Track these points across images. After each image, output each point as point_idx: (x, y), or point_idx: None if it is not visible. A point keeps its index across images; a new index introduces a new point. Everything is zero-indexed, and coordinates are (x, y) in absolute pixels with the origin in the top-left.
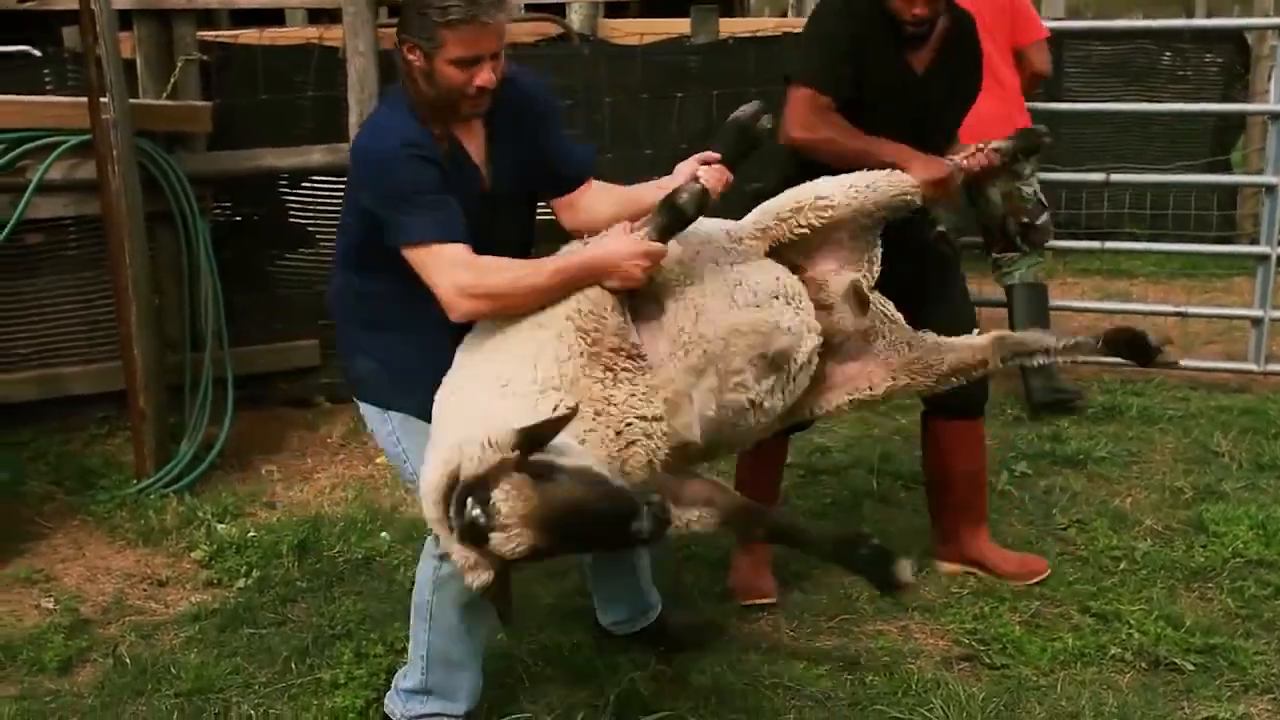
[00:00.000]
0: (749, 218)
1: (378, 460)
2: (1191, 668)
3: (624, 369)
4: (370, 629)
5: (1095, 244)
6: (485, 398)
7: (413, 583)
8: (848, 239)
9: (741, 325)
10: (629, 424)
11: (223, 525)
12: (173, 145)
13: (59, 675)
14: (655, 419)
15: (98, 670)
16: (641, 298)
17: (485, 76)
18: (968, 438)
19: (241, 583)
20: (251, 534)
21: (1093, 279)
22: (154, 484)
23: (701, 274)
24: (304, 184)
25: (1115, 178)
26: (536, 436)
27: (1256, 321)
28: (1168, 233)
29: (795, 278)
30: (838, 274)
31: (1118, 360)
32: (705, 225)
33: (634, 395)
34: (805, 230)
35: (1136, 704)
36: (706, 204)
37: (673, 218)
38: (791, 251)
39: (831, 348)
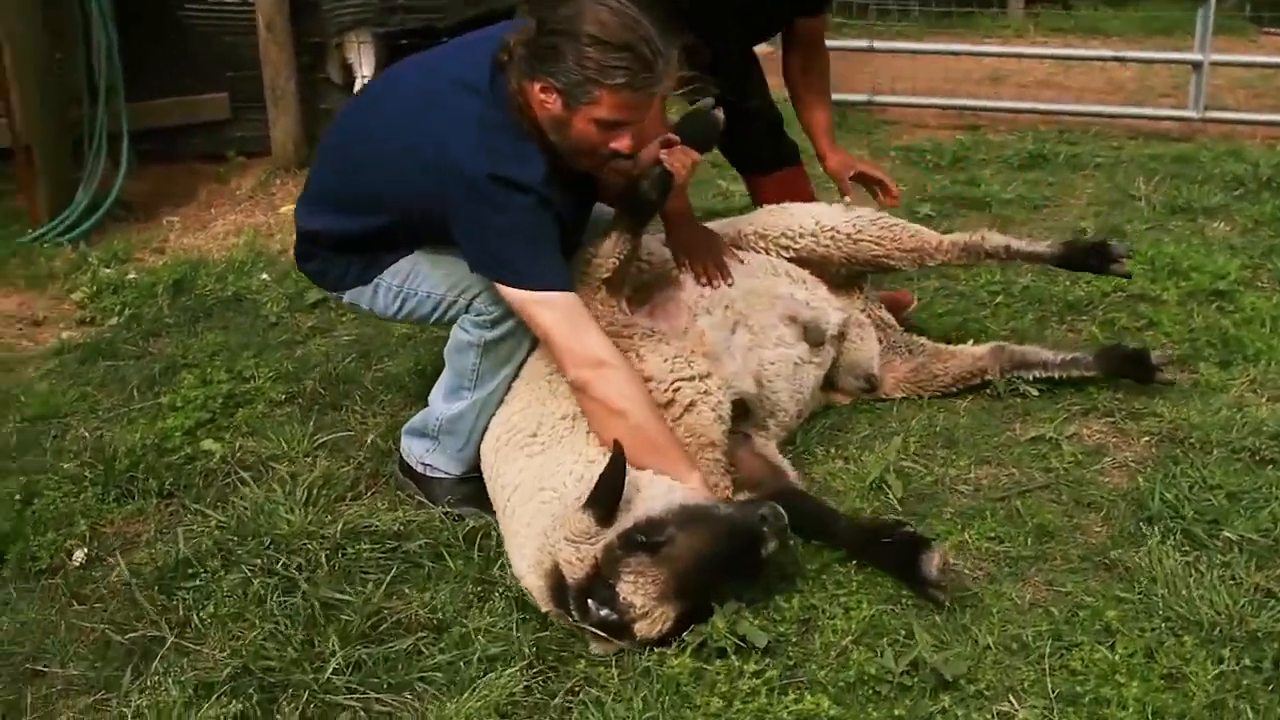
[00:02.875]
0: (728, 221)
1: (281, 210)
2: (1036, 393)
3: (642, 346)
4: (221, 359)
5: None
6: (524, 460)
7: (277, 318)
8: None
9: (756, 287)
10: (678, 389)
11: (109, 270)
12: None
13: None
14: (703, 376)
15: None
16: (654, 281)
17: (627, 143)
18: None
19: (114, 320)
20: (131, 276)
21: (1065, 37)
22: (48, 232)
23: None
24: None
25: None
26: (606, 501)
27: (1196, 66)
28: None
29: (798, 268)
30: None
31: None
32: None
33: (668, 360)
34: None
35: (969, 425)
36: (670, 187)
37: (640, 207)
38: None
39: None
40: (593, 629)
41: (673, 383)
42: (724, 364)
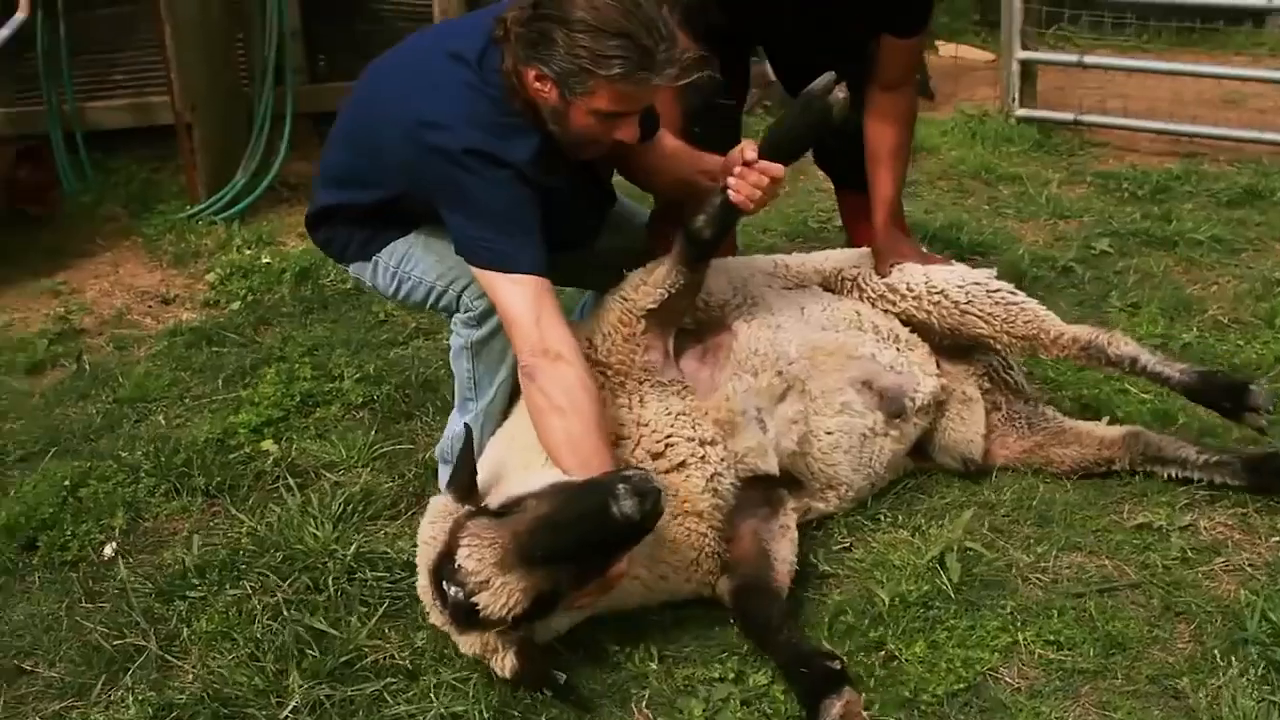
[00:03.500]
0: (795, 256)
1: None
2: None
3: (648, 392)
4: (315, 356)
5: None
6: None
7: (386, 316)
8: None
9: (825, 345)
10: (671, 443)
11: (248, 252)
12: None
13: (24, 376)
14: (706, 442)
15: (59, 374)
16: (707, 324)
17: (629, 132)
18: None
19: (235, 305)
20: (265, 260)
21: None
22: (204, 210)
23: (763, 295)
24: None
25: None
26: (461, 477)
27: None
28: None
29: (894, 322)
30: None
31: None
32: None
33: (671, 414)
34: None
35: (1069, 502)
36: (733, 222)
37: (694, 246)
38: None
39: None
40: (454, 619)
41: (668, 435)
42: (742, 437)
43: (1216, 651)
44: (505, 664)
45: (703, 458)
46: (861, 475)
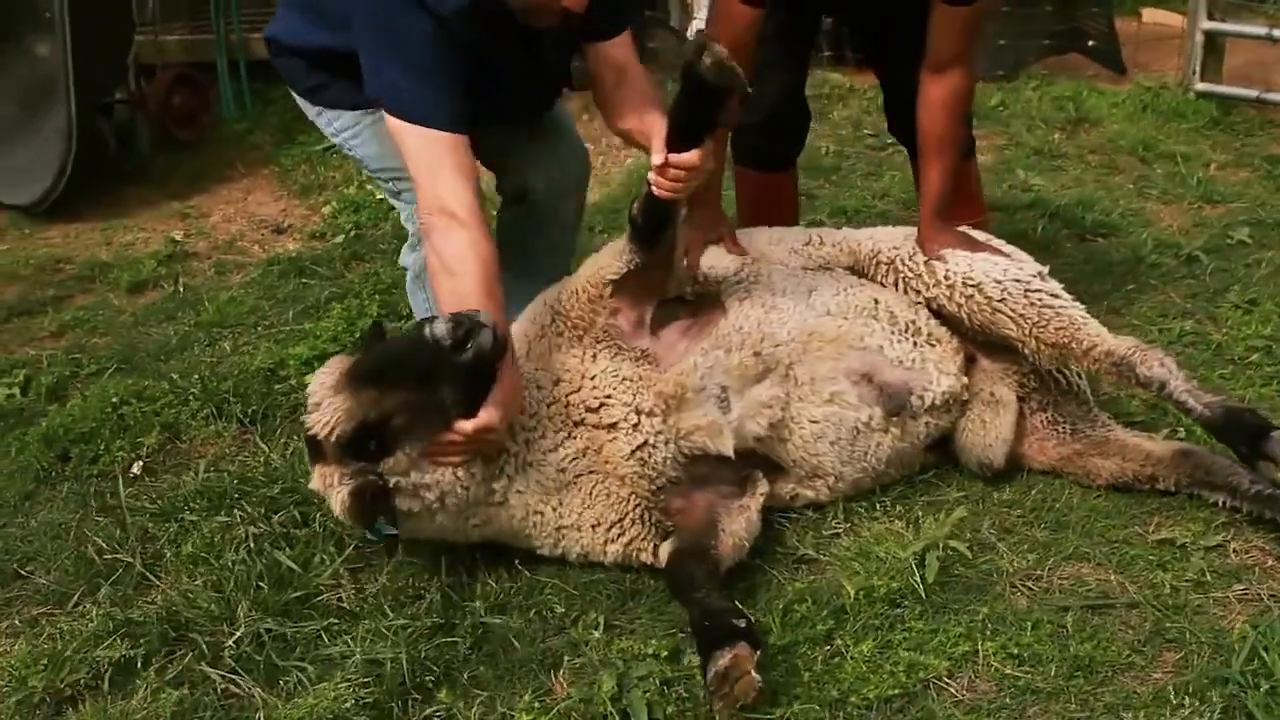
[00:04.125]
0: (834, 232)
1: None
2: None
3: (602, 349)
4: (390, 293)
5: None
6: None
7: None
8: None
9: (824, 331)
10: (609, 404)
11: (369, 186)
12: None
13: (126, 294)
14: (643, 411)
15: (156, 295)
16: (704, 299)
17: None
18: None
19: (339, 239)
20: (379, 196)
21: None
22: None
23: (770, 274)
24: None
25: None
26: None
27: None
28: None
29: (920, 313)
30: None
31: None
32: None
33: (619, 376)
34: (931, 296)
35: (1093, 508)
36: (662, 212)
37: (634, 229)
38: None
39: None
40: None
41: (607, 395)
42: (691, 413)
43: (1191, 686)
44: (338, 499)
45: (635, 425)
46: (854, 468)
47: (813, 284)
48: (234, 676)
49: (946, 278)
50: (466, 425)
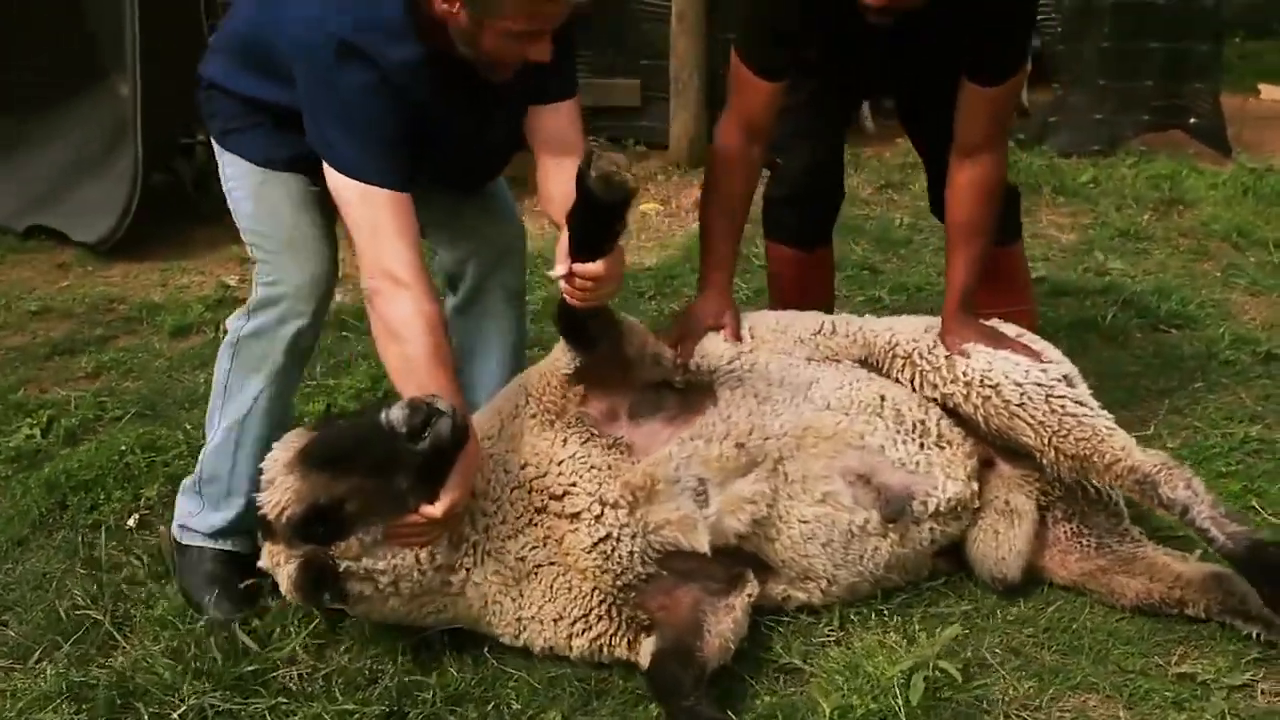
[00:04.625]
0: (850, 321)
1: (643, 207)
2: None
3: (573, 434)
4: None
5: None
6: None
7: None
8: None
9: (821, 427)
10: (572, 493)
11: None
12: None
13: (169, 338)
14: (608, 504)
15: (198, 340)
16: (696, 387)
17: (543, 51)
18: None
19: None
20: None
21: None
22: None
23: (768, 364)
24: None
25: None
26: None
27: None
28: None
29: (931, 412)
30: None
31: None
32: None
33: (586, 464)
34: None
35: (1113, 633)
36: (577, 319)
37: (559, 328)
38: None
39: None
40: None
41: (571, 482)
42: (662, 506)
43: None
44: (284, 576)
45: (598, 516)
46: (848, 572)
47: (814, 376)
48: None
49: (964, 375)
50: (434, 510)
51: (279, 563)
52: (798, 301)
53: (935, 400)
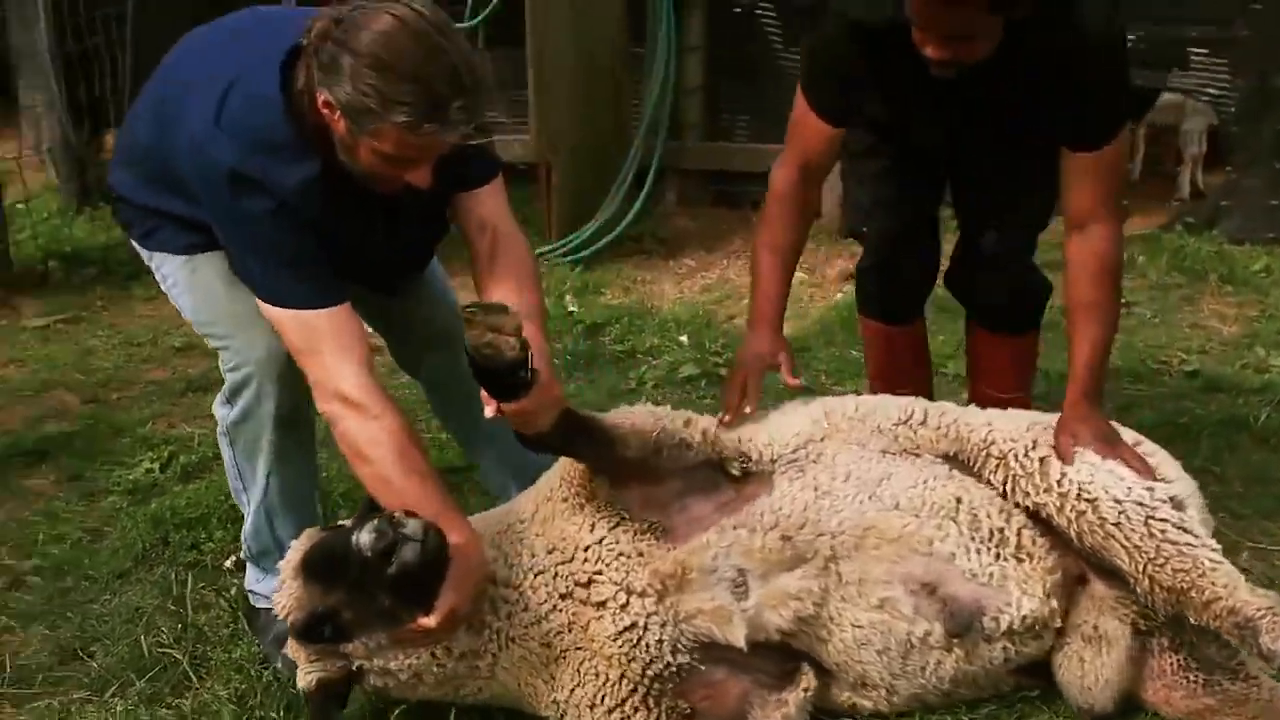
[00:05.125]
0: (947, 411)
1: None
2: None
3: (606, 524)
4: None
5: None
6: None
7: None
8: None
9: (886, 528)
10: (598, 581)
11: (566, 297)
12: None
13: None
14: (634, 592)
15: None
16: (755, 476)
17: (422, 178)
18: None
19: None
20: (569, 309)
21: None
22: (552, 250)
23: (836, 455)
24: None
25: None
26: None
27: None
28: None
29: (1015, 520)
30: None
31: None
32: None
33: (612, 552)
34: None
35: None
36: (535, 435)
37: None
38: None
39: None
40: None
41: (597, 570)
42: (695, 596)
43: None
44: (301, 679)
45: (623, 605)
46: (908, 683)
47: (887, 471)
48: None
49: (1059, 485)
50: (429, 622)
51: (299, 661)
52: (890, 378)
53: (1028, 508)
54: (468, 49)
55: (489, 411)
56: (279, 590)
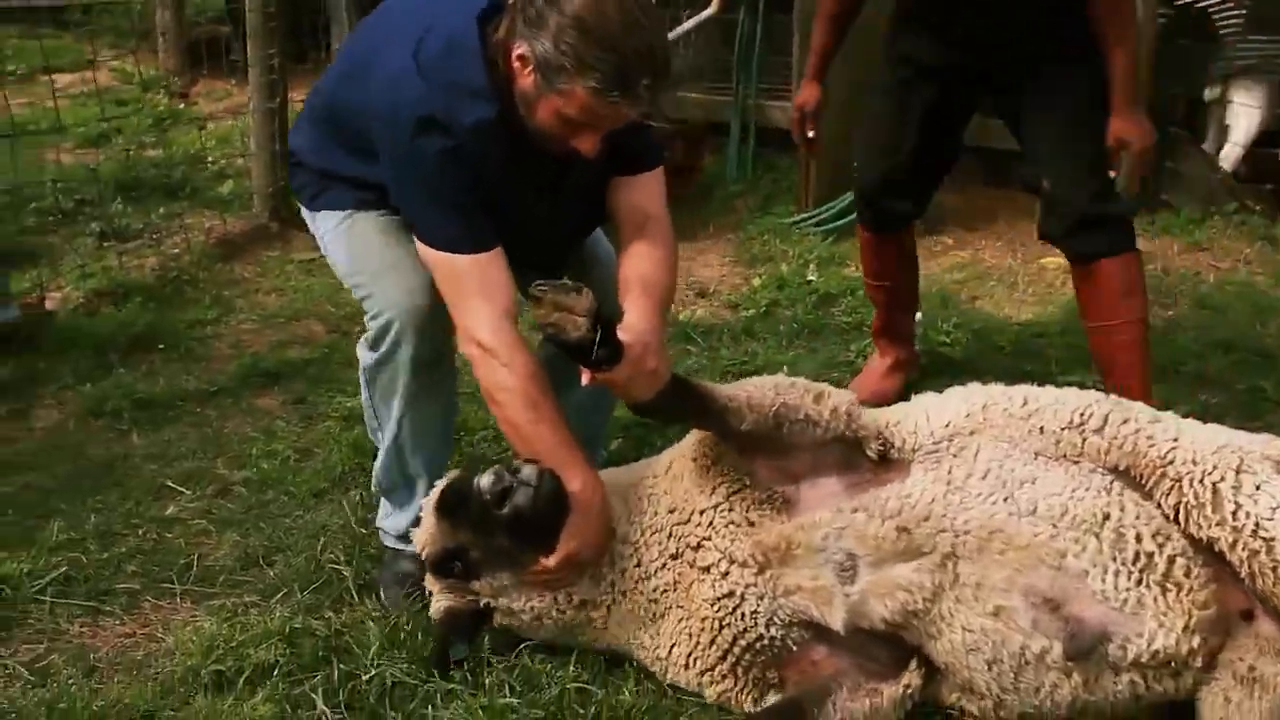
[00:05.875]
0: (1133, 420)
1: (1042, 260)
2: None
3: (725, 489)
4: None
5: None
6: None
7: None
8: None
9: (1016, 534)
10: (703, 545)
11: (782, 266)
12: None
13: None
14: (737, 561)
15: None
16: (896, 463)
17: (589, 146)
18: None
19: (749, 311)
20: (810, 279)
21: None
22: (804, 220)
23: (981, 450)
24: None
25: None
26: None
27: None
28: None
29: (1171, 545)
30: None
31: None
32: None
33: (723, 520)
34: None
35: None
36: (640, 409)
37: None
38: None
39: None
40: None
41: (706, 535)
42: (798, 572)
43: None
44: (433, 608)
45: (724, 573)
46: (1018, 700)
47: (1033, 475)
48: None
49: (1235, 517)
50: (549, 562)
51: (432, 592)
52: (876, 273)
53: (1201, 540)
54: (664, 34)
55: (584, 380)
56: (420, 526)
